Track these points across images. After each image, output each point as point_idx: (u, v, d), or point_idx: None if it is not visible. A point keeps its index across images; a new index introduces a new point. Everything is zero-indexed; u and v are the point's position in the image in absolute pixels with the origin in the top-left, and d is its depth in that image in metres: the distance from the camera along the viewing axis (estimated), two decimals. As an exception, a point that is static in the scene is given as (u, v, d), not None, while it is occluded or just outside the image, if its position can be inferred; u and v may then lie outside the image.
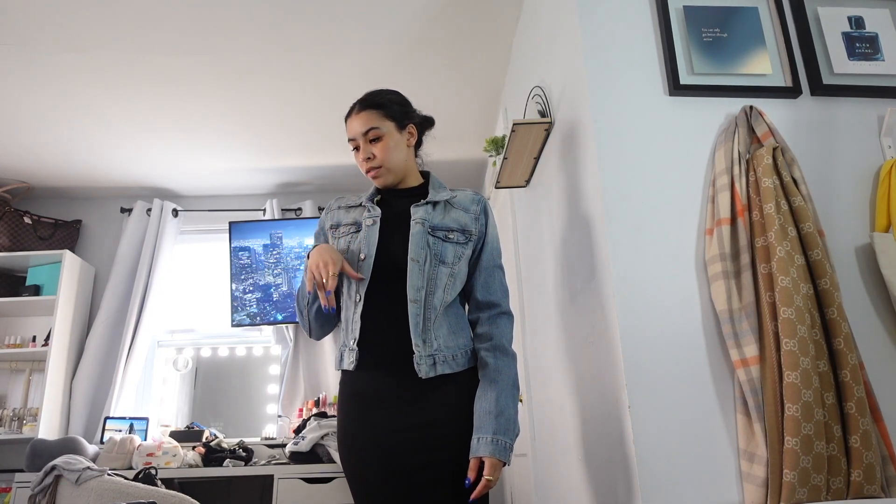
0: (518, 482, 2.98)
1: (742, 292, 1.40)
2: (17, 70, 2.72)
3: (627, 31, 1.65)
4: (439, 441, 1.38)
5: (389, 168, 1.54)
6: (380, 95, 1.58)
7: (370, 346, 1.43)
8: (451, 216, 1.54)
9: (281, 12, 2.45)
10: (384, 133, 1.53)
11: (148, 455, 3.08)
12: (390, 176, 1.55)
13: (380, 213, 1.54)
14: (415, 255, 1.45)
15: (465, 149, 3.63)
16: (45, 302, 3.46)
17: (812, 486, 1.23)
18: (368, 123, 1.52)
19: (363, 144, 1.54)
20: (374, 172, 1.54)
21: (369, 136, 1.52)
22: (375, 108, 1.55)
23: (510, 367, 1.46)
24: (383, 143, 1.53)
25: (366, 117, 1.53)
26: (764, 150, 1.46)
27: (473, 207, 1.56)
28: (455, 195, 1.58)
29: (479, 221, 1.56)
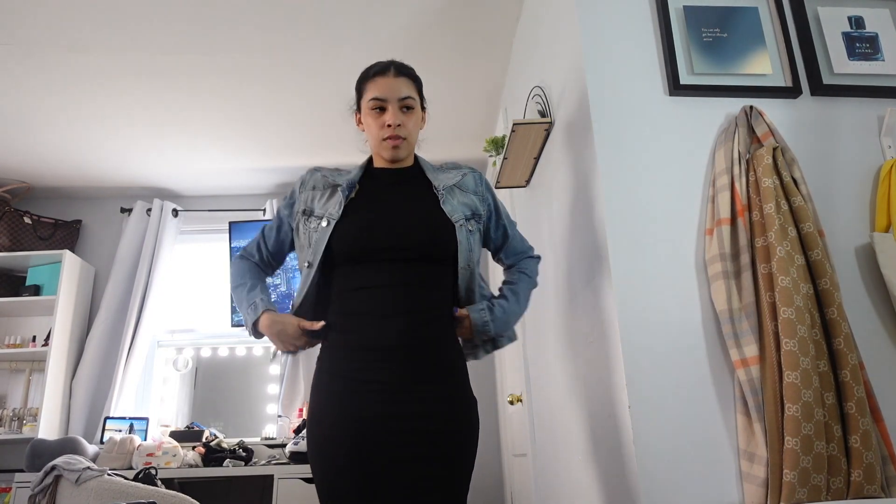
0: (518, 482, 2.98)
1: (742, 292, 1.40)
2: (16, 70, 2.72)
3: (627, 31, 1.65)
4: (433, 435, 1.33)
5: (409, 142, 1.49)
6: (412, 69, 1.53)
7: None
8: (462, 202, 1.50)
9: (281, 13, 2.45)
10: (414, 106, 1.48)
11: (148, 455, 3.08)
12: (404, 151, 1.49)
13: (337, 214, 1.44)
14: (465, 261, 1.44)
15: (465, 149, 3.63)
16: (45, 302, 3.46)
17: (812, 486, 1.23)
18: (407, 90, 1.47)
19: (395, 109, 1.45)
20: (396, 142, 1.46)
21: (403, 104, 1.46)
22: (412, 80, 1.51)
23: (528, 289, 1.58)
24: (414, 116, 1.48)
25: (405, 83, 1.48)
26: (764, 150, 1.46)
27: (480, 189, 1.55)
28: (460, 178, 1.54)
29: (486, 201, 1.56)
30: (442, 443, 1.32)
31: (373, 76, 1.50)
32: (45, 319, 3.59)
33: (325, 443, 1.33)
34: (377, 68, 1.51)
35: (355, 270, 1.41)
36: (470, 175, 1.56)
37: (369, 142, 1.54)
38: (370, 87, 1.49)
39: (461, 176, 1.55)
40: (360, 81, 1.54)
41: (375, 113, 1.47)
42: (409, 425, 1.30)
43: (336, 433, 1.31)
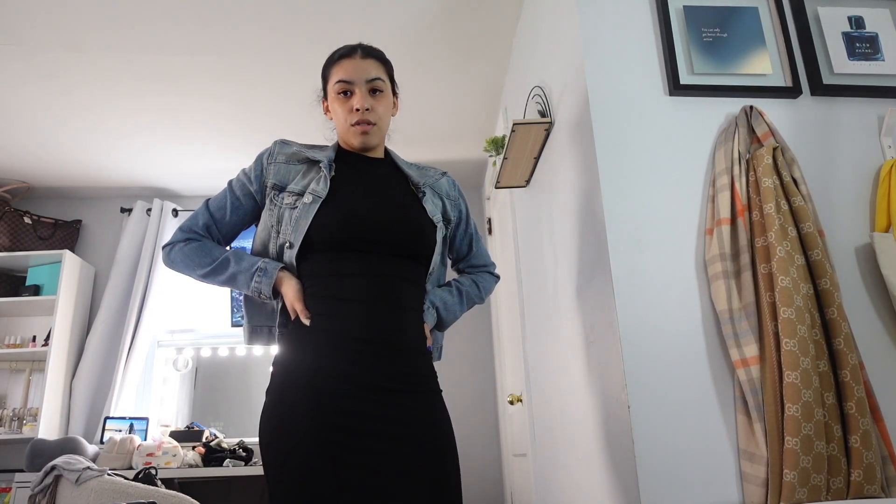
0: (518, 482, 2.98)
1: (742, 292, 1.40)
2: (17, 70, 2.72)
3: (627, 31, 1.65)
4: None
5: (380, 128, 1.39)
6: (381, 51, 1.43)
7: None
8: (437, 203, 1.46)
9: (281, 13, 2.45)
10: (383, 89, 1.39)
11: (148, 455, 3.07)
12: (375, 138, 1.39)
13: (324, 192, 1.33)
14: (434, 266, 1.43)
15: (465, 149, 3.63)
16: (45, 302, 3.46)
17: (812, 486, 1.23)
18: (374, 72, 1.37)
19: (362, 92, 1.35)
20: (365, 128, 1.36)
21: (371, 86, 1.36)
22: (380, 61, 1.41)
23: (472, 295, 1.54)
24: (384, 100, 1.39)
25: (371, 64, 1.37)
26: (764, 150, 1.46)
27: (453, 193, 1.53)
28: (437, 179, 1.51)
29: (458, 207, 1.53)
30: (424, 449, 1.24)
31: (338, 59, 1.39)
32: (45, 319, 3.59)
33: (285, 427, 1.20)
34: (343, 51, 1.40)
35: (336, 256, 1.30)
36: (444, 178, 1.54)
37: (337, 129, 1.44)
38: (336, 70, 1.38)
39: (439, 177, 1.53)
40: (326, 66, 1.44)
41: (342, 98, 1.37)
42: (387, 429, 1.21)
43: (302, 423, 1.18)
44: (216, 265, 1.35)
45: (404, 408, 1.25)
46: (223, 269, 1.35)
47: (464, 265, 1.60)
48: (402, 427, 1.23)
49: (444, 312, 1.45)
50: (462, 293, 1.51)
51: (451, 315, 1.48)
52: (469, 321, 4.02)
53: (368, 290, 1.28)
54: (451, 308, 1.47)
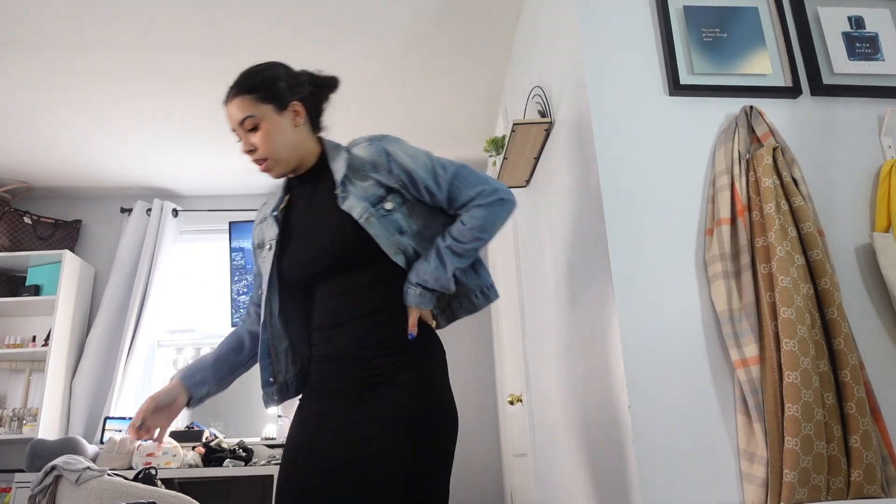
0: (518, 482, 2.98)
1: (742, 292, 1.40)
2: (17, 70, 2.72)
3: (627, 31, 1.65)
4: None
5: (277, 158, 1.38)
6: (253, 76, 1.39)
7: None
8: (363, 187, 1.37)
9: (281, 14, 2.45)
10: (262, 120, 1.36)
11: (148, 455, 3.08)
12: (281, 166, 1.40)
13: (275, 234, 1.45)
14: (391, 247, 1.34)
15: (465, 149, 3.63)
16: (45, 302, 3.46)
17: (812, 486, 1.23)
18: (243, 111, 1.36)
19: (242, 135, 1.38)
20: (263, 165, 1.39)
21: (246, 126, 1.36)
22: (248, 93, 1.37)
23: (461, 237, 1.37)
24: (263, 131, 1.36)
25: (239, 104, 1.36)
26: (764, 150, 1.46)
27: (379, 160, 1.38)
28: (350, 162, 1.39)
29: (390, 169, 1.38)
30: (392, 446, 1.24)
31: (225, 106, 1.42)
32: (45, 319, 3.59)
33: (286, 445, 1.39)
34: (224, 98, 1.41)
35: (307, 290, 1.43)
36: (366, 149, 1.40)
37: None
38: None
39: (348, 159, 1.39)
40: None
41: (239, 143, 1.41)
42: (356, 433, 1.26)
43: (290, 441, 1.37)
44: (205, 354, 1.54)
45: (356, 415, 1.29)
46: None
47: (452, 211, 1.43)
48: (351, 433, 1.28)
49: (425, 283, 1.34)
50: (440, 250, 1.36)
51: (437, 281, 1.34)
52: (469, 321, 4.01)
53: (328, 313, 1.38)
54: (431, 275, 1.34)
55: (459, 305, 1.48)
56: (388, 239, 1.34)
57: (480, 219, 1.37)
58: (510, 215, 1.42)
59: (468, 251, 1.38)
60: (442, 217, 1.44)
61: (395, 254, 1.35)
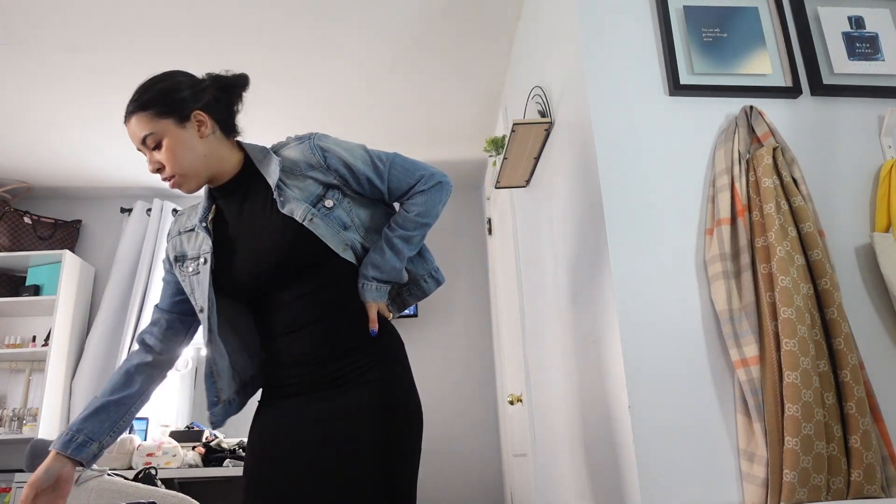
0: (518, 482, 2.98)
1: (742, 292, 1.40)
2: (17, 70, 2.72)
3: (627, 31, 1.65)
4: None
5: (186, 174, 1.30)
6: (147, 90, 1.29)
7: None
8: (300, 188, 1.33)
9: (281, 13, 2.45)
10: (163, 136, 1.27)
11: (148, 455, 3.08)
12: (192, 182, 1.32)
13: (209, 247, 1.35)
14: (338, 244, 1.32)
15: (465, 149, 3.63)
16: (45, 302, 3.46)
17: (812, 486, 1.23)
18: (142, 129, 1.27)
19: (147, 153, 1.30)
20: (171, 182, 1.31)
21: (149, 144, 1.28)
22: (143, 109, 1.28)
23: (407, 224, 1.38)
24: (166, 148, 1.27)
25: (138, 122, 1.27)
26: (764, 150, 1.46)
27: (314, 159, 1.34)
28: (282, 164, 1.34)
29: (332, 167, 1.35)
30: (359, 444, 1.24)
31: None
32: (45, 319, 3.59)
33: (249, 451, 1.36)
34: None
35: (256, 302, 1.37)
36: (297, 149, 1.36)
37: None
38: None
39: (279, 162, 1.34)
40: None
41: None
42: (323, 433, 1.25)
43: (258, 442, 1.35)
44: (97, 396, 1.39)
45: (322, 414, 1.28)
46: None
47: (393, 201, 1.44)
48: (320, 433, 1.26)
49: (381, 276, 1.35)
50: (391, 241, 1.36)
51: (391, 272, 1.36)
52: (469, 321, 4.03)
53: (284, 319, 1.33)
54: (386, 266, 1.35)
55: (409, 293, 1.48)
56: (334, 237, 1.32)
57: (423, 205, 1.39)
58: (448, 197, 1.45)
59: (416, 238, 1.40)
60: (382, 207, 1.44)
61: (343, 251, 1.33)
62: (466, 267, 4.02)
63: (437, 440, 3.59)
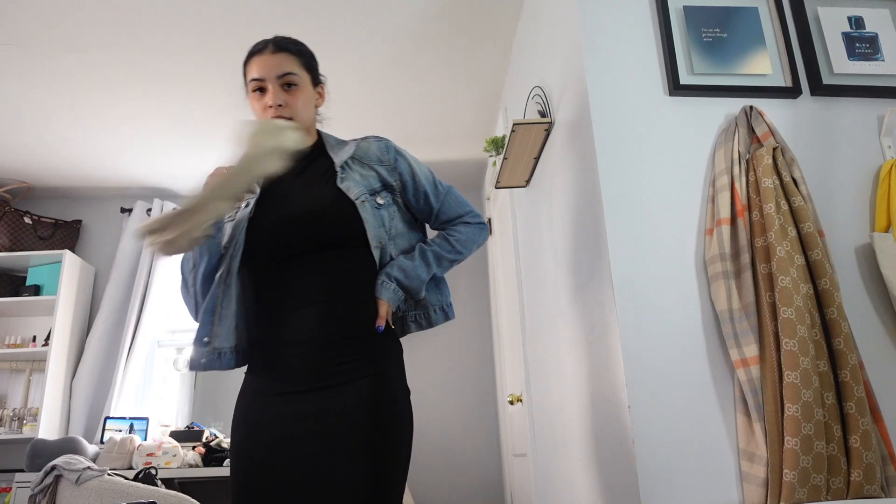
0: (518, 482, 2.98)
1: (742, 292, 1.40)
2: (17, 70, 2.72)
3: (627, 31, 1.65)
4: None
5: (301, 123, 1.38)
6: (298, 44, 1.40)
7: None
8: (363, 174, 1.39)
9: (281, 12, 2.45)
10: (299, 83, 1.37)
11: (148, 455, 3.08)
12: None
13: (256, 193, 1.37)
14: (377, 238, 1.35)
15: (465, 149, 3.63)
16: (45, 302, 3.46)
17: (812, 486, 1.23)
18: (286, 66, 1.35)
19: (275, 88, 1.35)
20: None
21: (284, 81, 1.35)
22: (294, 54, 1.37)
23: (441, 252, 1.43)
24: (299, 93, 1.36)
25: (285, 58, 1.35)
26: (764, 150, 1.46)
27: (386, 157, 1.43)
28: (354, 149, 1.42)
29: (398, 167, 1.43)
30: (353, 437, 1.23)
31: (251, 56, 1.39)
32: (45, 319, 3.59)
33: (238, 447, 1.32)
34: (255, 47, 1.39)
35: (275, 268, 1.34)
36: (373, 143, 1.44)
37: None
38: (249, 67, 1.39)
39: (357, 144, 1.44)
40: (244, 63, 1.43)
41: (257, 95, 1.37)
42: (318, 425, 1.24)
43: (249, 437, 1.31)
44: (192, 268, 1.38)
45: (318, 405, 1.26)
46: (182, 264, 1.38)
47: (435, 224, 1.50)
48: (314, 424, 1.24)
49: (404, 280, 1.37)
50: (426, 253, 1.41)
51: (415, 280, 1.38)
52: (469, 321, 4.03)
53: (296, 293, 1.31)
54: (413, 273, 1.38)
55: (414, 319, 1.45)
56: (375, 229, 1.35)
57: (466, 235, 1.47)
58: (485, 242, 1.54)
59: (446, 262, 1.44)
60: (417, 235, 1.48)
61: (375, 246, 1.35)
62: (466, 267, 4.01)
63: (436, 440, 3.59)
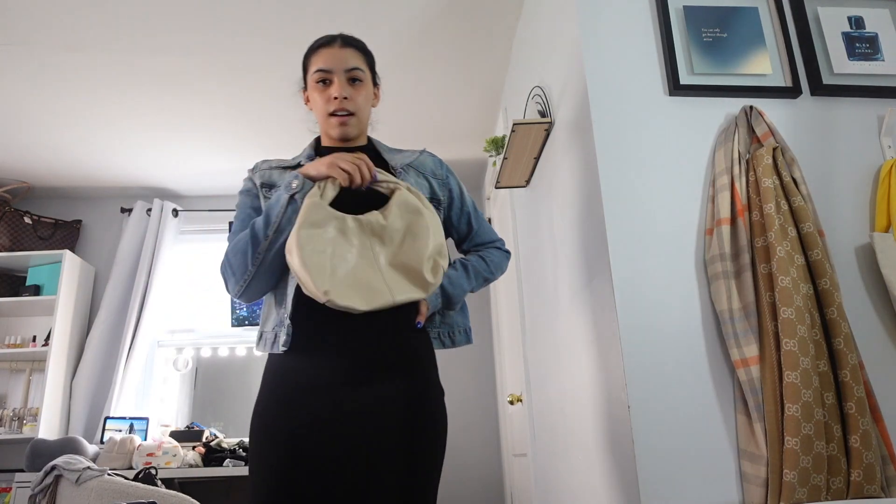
0: (518, 482, 2.98)
1: (742, 292, 1.40)
2: (17, 70, 2.72)
3: (627, 31, 1.65)
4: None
5: (360, 118, 1.40)
6: (361, 41, 1.43)
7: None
8: (418, 182, 1.42)
9: (281, 14, 2.45)
10: (363, 79, 1.39)
11: (148, 455, 3.08)
12: (354, 128, 1.40)
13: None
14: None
15: (465, 149, 3.63)
16: (45, 302, 3.46)
17: (812, 485, 1.23)
18: (353, 61, 1.37)
19: (341, 81, 1.36)
20: (343, 119, 1.37)
21: (350, 75, 1.37)
22: (360, 51, 1.41)
23: (480, 270, 1.48)
24: (363, 89, 1.39)
25: (351, 54, 1.38)
26: (764, 150, 1.46)
27: (440, 172, 1.48)
28: (415, 157, 1.46)
29: (448, 185, 1.48)
30: (396, 438, 1.23)
31: (318, 48, 1.40)
32: (45, 319, 3.59)
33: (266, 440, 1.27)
34: (323, 40, 1.41)
35: None
36: (429, 157, 1.49)
37: (317, 120, 1.44)
38: (315, 59, 1.40)
39: (417, 155, 1.47)
40: (306, 55, 1.44)
41: (320, 86, 1.38)
42: (361, 422, 1.23)
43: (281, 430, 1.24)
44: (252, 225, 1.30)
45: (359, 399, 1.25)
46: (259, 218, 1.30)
47: (468, 245, 1.55)
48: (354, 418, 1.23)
49: (448, 286, 1.39)
50: (467, 267, 1.46)
51: (458, 289, 1.42)
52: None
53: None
54: (456, 281, 1.42)
55: (437, 336, 1.43)
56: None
57: (497, 259, 1.53)
58: (503, 274, 1.59)
59: (482, 279, 1.50)
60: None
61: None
62: (466, 267, 4.01)
63: (437, 440, 3.58)
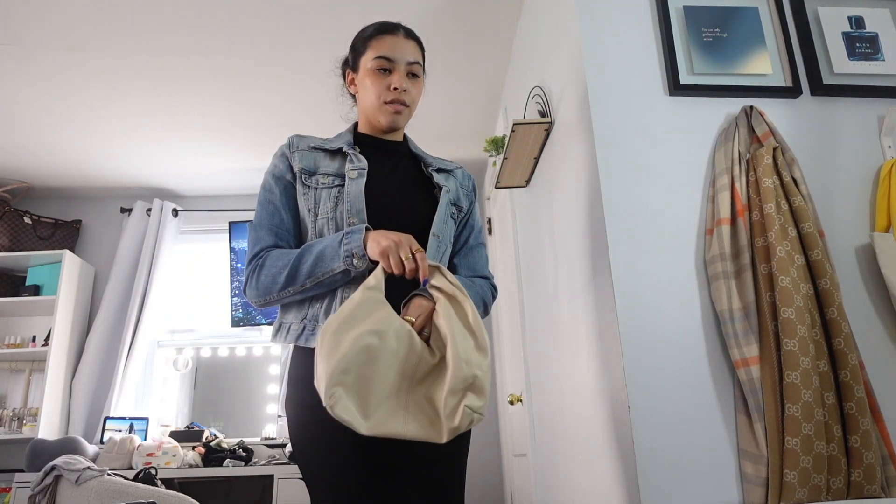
0: (518, 482, 2.98)
1: (742, 292, 1.40)
2: (16, 70, 2.72)
3: (627, 31, 1.65)
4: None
5: (411, 112, 1.40)
6: (418, 36, 1.44)
7: None
8: (448, 185, 1.42)
9: (281, 14, 2.45)
10: (419, 73, 1.39)
11: (148, 455, 3.08)
12: (405, 120, 1.39)
13: (366, 165, 1.32)
14: (438, 229, 1.32)
15: (465, 149, 3.63)
16: (45, 302, 3.46)
17: (812, 486, 1.23)
18: (414, 56, 1.38)
19: (402, 72, 1.35)
20: (399, 108, 1.35)
21: (410, 69, 1.37)
22: (419, 46, 1.42)
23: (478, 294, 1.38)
24: (419, 84, 1.40)
25: (413, 47, 1.39)
26: (764, 150, 1.46)
27: (466, 185, 1.49)
28: (451, 168, 1.48)
29: (470, 198, 1.48)
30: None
31: (379, 34, 1.39)
32: (45, 319, 3.59)
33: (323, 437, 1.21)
34: (385, 26, 1.39)
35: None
36: (459, 170, 1.51)
37: (361, 105, 1.42)
38: (375, 44, 1.37)
39: (454, 167, 1.49)
40: (363, 38, 1.42)
41: (380, 74, 1.35)
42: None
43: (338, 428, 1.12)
44: (296, 258, 1.24)
45: None
46: (306, 257, 1.24)
47: (459, 260, 1.45)
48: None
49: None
50: (475, 284, 1.40)
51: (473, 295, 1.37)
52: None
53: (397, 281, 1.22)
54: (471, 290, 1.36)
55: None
56: (440, 221, 1.35)
57: (490, 302, 1.44)
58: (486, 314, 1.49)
59: (482, 305, 1.41)
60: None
61: (433, 233, 1.33)
62: (466, 267, 4.01)
63: (437, 440, 3.58)
